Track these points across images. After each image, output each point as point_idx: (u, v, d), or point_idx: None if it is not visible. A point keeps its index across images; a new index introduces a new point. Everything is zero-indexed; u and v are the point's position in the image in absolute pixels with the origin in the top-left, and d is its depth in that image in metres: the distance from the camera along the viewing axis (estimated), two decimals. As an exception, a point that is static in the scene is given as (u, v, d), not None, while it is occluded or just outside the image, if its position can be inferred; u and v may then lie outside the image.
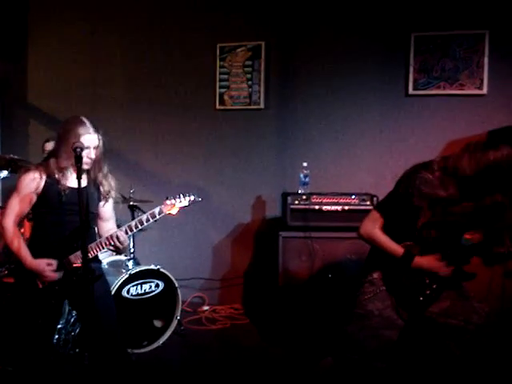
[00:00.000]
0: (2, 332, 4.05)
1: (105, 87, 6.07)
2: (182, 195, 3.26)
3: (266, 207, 5.63)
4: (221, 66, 5.69)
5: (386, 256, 3.15)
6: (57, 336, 4.09)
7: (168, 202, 3.22)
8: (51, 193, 3.17)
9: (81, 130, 3.12)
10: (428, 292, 3.12)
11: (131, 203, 4.86)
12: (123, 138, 5.80)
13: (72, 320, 4.17)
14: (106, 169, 3.34)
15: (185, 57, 5.80)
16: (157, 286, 4.63)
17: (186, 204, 3.27)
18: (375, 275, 3.24)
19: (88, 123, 3.18)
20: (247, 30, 5.65)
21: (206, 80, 5.73)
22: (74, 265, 3.14)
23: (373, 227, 3.18)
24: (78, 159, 2.89)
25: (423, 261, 3.10)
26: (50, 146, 4.46)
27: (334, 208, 4.81)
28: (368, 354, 3.18)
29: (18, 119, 6.45)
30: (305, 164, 5.00)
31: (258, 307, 5.48)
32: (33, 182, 3.17)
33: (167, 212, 3.22)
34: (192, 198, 3.29)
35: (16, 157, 4.44)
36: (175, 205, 3.22)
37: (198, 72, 5.77)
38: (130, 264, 4.65)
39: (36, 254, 3.18)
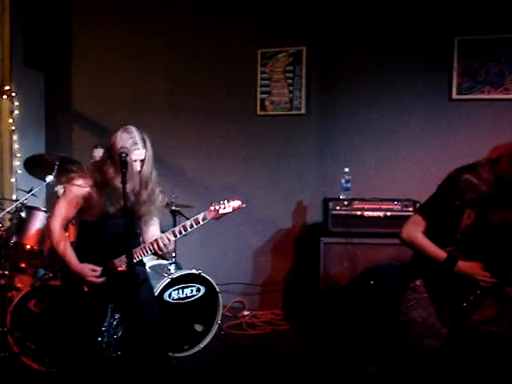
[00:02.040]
0: (48, 334, 4.14)
1: (147, 93, 6.15)
2: (226, 201, 3.25)
3: (307, 213, 5.62)
4: (262, 72, 5.71)
5: (429, 262, 3.11)
6: (100, 338, 4.15)
7: (212, 207, 3.22)
8: (97, 198, 3.22)
9: (129, 146, 3.13)
10: (471, 298, 3.07)
11: (173, 208, 4.91)
12: (165, 144, 5.84)
13: (115, 323, 4.22)
14: (153, 188, 3.36)
15: (226, 63, 5.84)
16: (198, 290, 4.66)
17: (230, 210, 3.26)
18: (418, 282, 3.19)
19: (137, 136, 3.18)
20: (288, 36, 5.65)
21: (247, 86, 5.75)
22: (119, 269, 3.19)
23: (415, 231, 3.14)
24: (123, 164, 2.93)
25: (466, 266, 3.05)
26: (98, 152, 4.52)
27: (375, 214, 4.78)
28: (411, 362, 3.14)
29: (62, 125, 6.59)
30: (346, 169, 4.98)
31: (299, 313, 5.46)
32: (80, 187, 3.23)
33: (211, 218, 3.23)
34: (236, 204, 3.28)
35: (61, 155, 4.54)
36: (219, 211, 3.23)
37: (240, 78, 5.81)
38: (172, 268, 4.68)
39: (81, 258, 3.24)
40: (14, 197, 5.78)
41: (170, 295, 4.49)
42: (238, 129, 5.82)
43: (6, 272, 4.46)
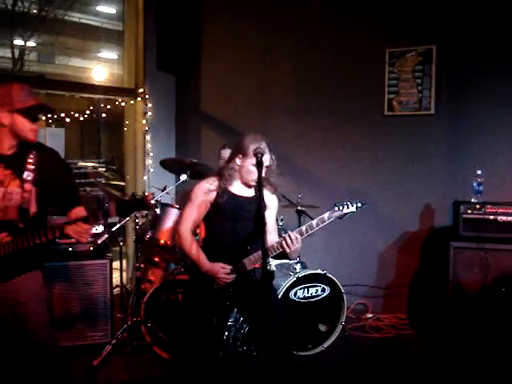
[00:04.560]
0: (178, 326, 4.32)
1: (274, 94, 6.22)
2: (349, 202, 3.27)
3: (435, 216, 5.45)
4: (390, 72, 5.61)
5: None
6: (226, 333, 4.28)
7: (336, 208, 3.26)
8: (223, 202, 3.32)
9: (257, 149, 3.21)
10: None
11: (298, 208, 4.96)
12: (291, 144, 5.91)
13: (241, 318, 4.34)
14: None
15: (353, 63, 5.79)
16: (323, 290, 4.68)
17: (354, 210, 3.28)
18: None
19: (264, 143, 3.27)
20: (417, 34, 5.51)
21: (375, 86, 5.67)
22: (254, 265, 3.25)
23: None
24: (259, 164, 3.00)
25: None
26: (226, 152, 4.63)
27: (510, 219, 4.59)
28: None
29: (191, 126, 6.84)
30: (479, 172, 4.79)
31: (425, 318, 5.31)
32: (207, 191, 3.35)
33: (335, 217, 3.25)
34: (359, 204, 3.29)
35: (195, 161, 4.68)
36: (343, 211, 3.25)
37: (367, 78, 5.74)
38: (298, 267, 4.74)
39: (210, 257, 3.33)
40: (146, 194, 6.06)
41: (295, 294, 4.55)
42: (365, 129, 5.75)
43: (142, 265, 4.71)
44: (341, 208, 3.25)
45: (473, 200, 4.78)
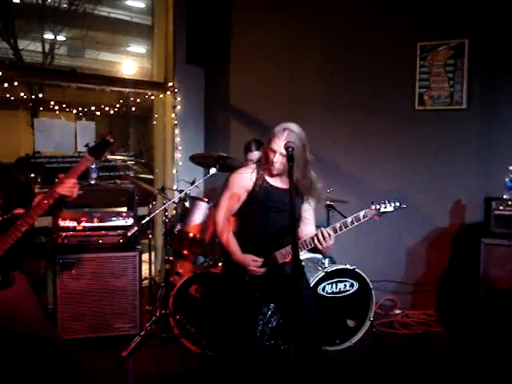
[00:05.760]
0: (207, 319, 4.34)
1: (302, 88, 6.19)
2: (387, 201, 3.22)
3: (466, 212, 5.38)
4: (421, 66, 5.53)
5: None
6: (254, 327, 4.28)
7: (373, 206, 3.21)
8: (260, 192, 3.32)
9: (276, 136, 3.25)
10: None
11: (327, 202, 4.93)
12: (320, 138, 5.82)
13: (269, 312, 4.34)
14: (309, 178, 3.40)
15: (384, 56, 5.72)
16: (351, 285, 4.66)
17: (391, 210, 3.23)
18: None
19: (288, 131, 3.23)
20: (449, 28, 5.42)
21: (406, 80, 5.60)
22: (286, 259, 3.25)
23: None
24: (290, 159, 2.99)
25: None
26: (253, 155, 4.58)
27: (543, 216, 4.52)
28: None
29: (220, 120, 6.85)
30: (511, 167, 4.71)
31: (454, 315, 5.26)
32: (243, 180, 3.36)
33: (371, 216, 3.21)
34: (397, 204, 3.24)
35: (224, 154, 4.68)
36: (380, 209, 3.20)
37: (397, 72, 5.67)
38: (326, 262, 4.72)
39: (242, 249, 3.34)
40: (174, 187, 6.11)
41: (323, 289, 4.54)
42: (395, 124, 5.68)
43: (171, 258, 4.74)
44: (377, 207, 3.19)
45: (505, 196, 4.72)
